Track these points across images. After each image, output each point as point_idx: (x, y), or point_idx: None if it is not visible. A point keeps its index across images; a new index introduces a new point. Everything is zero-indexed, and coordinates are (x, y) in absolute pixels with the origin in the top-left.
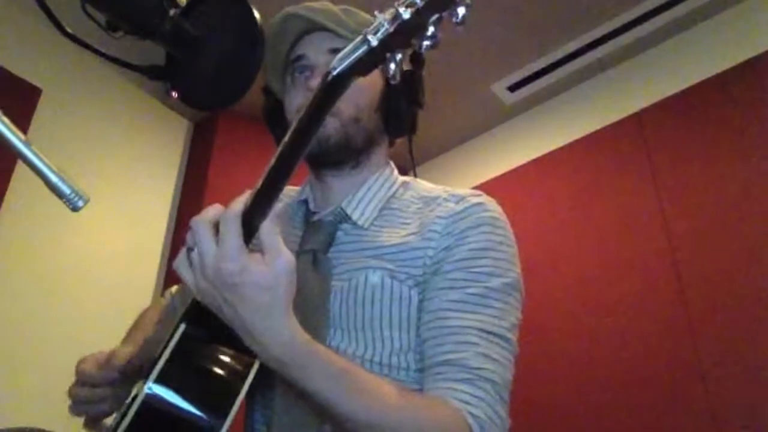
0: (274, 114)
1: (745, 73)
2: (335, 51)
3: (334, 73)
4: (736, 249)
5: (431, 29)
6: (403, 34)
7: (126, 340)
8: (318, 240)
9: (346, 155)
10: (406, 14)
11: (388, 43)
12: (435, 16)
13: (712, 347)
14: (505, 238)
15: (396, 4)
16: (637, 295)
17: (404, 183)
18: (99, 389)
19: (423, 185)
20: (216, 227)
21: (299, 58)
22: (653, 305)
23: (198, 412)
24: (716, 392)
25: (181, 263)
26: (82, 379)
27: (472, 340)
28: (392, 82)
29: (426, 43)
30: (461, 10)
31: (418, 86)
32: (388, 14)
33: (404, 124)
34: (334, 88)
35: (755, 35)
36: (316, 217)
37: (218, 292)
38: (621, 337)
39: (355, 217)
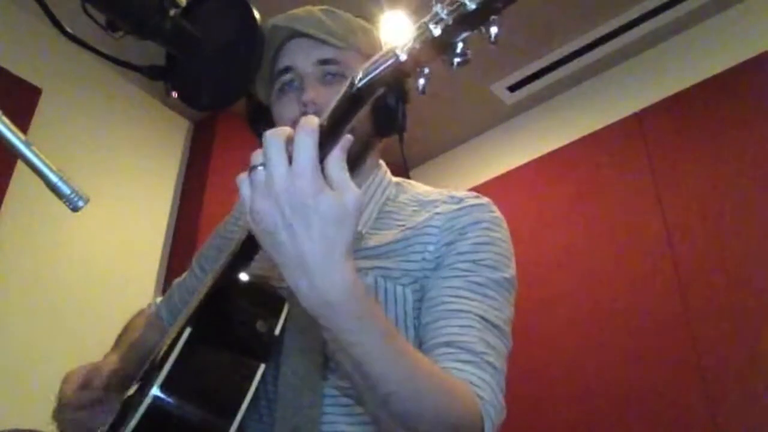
0: (257, 117)
1: (745, 73)
2: (324, 62)
3: (359, 85)
4: (736, 248)
5: (460, 46)
6: (432, 50)
7: (114, 349)
8: None
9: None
10: (437, 31)
11: (418, 58)
12: (465, 34)
13: (712, 347)
14: (503, 235)
15: (425, 19)
16: (636, 295)
17: (397, 184)
18: (83, 412)
19: (417, 187)
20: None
21: (286, 69)
22: (653, 305)
23: (204, 415)
24: (716, 392)
25: (243, 179)
26: (63, 403)
27: (473, 325)
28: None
29: (457, 60)
30: (494, 30)
31: (404, 82)
32: (416, 27)
33: (396, 123)
34: (357, 99)
35: (755, 35)
36: None
37: (281, 214)
38: (621, 337)
39: None
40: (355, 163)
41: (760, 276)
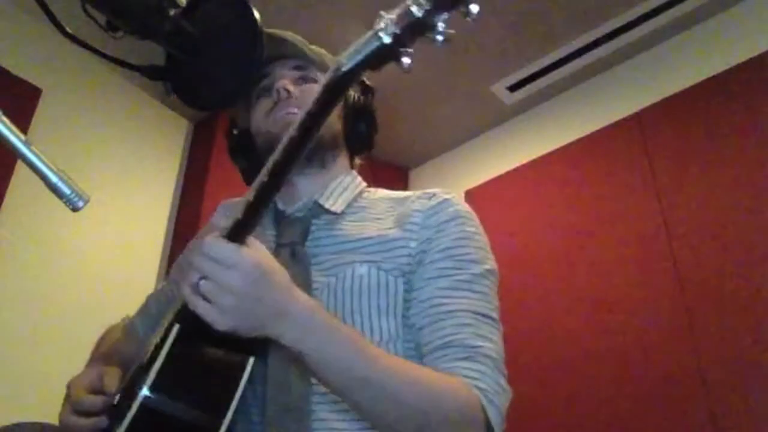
0: (240, 147)
1: (745, 73)
2: (299, 68)
3: (345, 69)
4: (736, 249)
5: (441, 25)
6: (414, 30)
7: (90, 362)
8: (293, 233)
9: (314, 150)
10: (419, 12)
11: (401, 39)
12: (446, 14)
13: (712, 347)
14: (477, 229)
15: (407, 1)
16: (636, 296)
17: (368, 188)
18: (94, 419)
19: (388, 191)
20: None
21: (265, 75)
22: (653, 305)
23: (196, 413)
24: (716, 393)
25: (194, 301)
26: (78, 408)
27: (466, 322)
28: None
29: (439, 38)
30: (473, 7)
31: (371, 111)
32: (398, 11)
33: (363, 140)
34: (343, 82)
35: (755, 35)
36: (286, 214)
37: (247, 297)
38: (621, 338)
39: (328, 204)
40: (325, 155)
41: (761, 275)
